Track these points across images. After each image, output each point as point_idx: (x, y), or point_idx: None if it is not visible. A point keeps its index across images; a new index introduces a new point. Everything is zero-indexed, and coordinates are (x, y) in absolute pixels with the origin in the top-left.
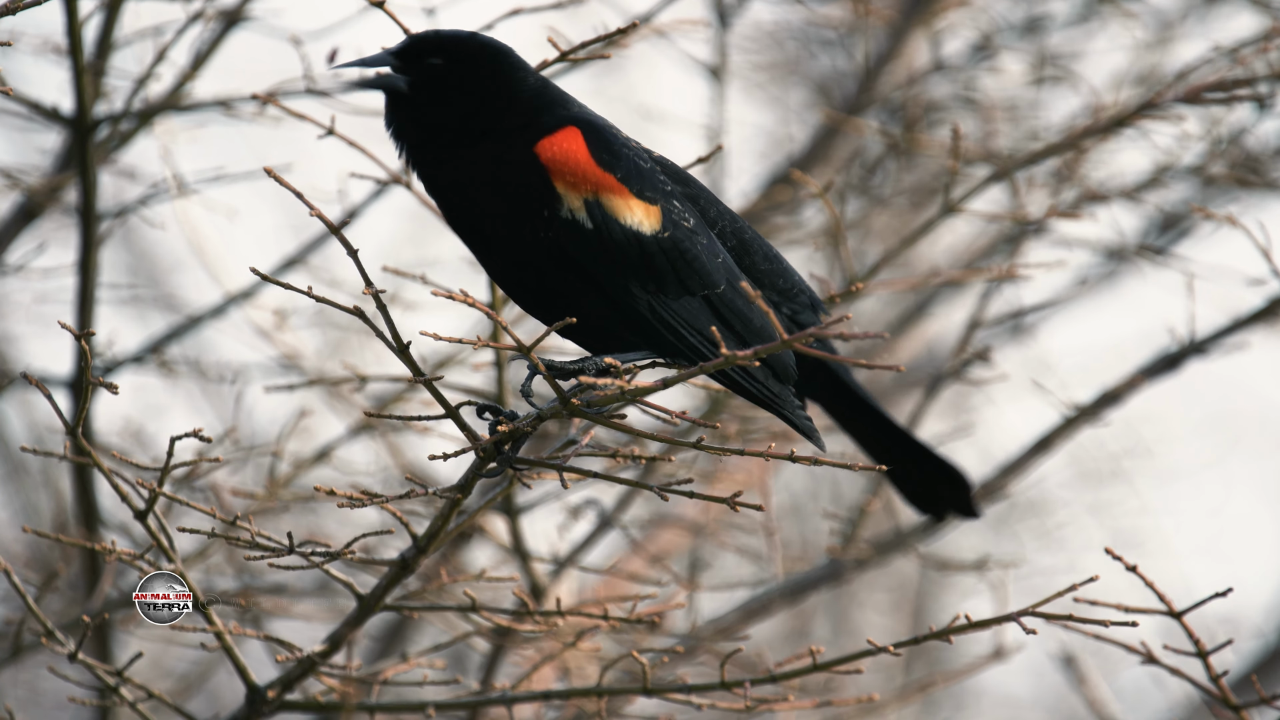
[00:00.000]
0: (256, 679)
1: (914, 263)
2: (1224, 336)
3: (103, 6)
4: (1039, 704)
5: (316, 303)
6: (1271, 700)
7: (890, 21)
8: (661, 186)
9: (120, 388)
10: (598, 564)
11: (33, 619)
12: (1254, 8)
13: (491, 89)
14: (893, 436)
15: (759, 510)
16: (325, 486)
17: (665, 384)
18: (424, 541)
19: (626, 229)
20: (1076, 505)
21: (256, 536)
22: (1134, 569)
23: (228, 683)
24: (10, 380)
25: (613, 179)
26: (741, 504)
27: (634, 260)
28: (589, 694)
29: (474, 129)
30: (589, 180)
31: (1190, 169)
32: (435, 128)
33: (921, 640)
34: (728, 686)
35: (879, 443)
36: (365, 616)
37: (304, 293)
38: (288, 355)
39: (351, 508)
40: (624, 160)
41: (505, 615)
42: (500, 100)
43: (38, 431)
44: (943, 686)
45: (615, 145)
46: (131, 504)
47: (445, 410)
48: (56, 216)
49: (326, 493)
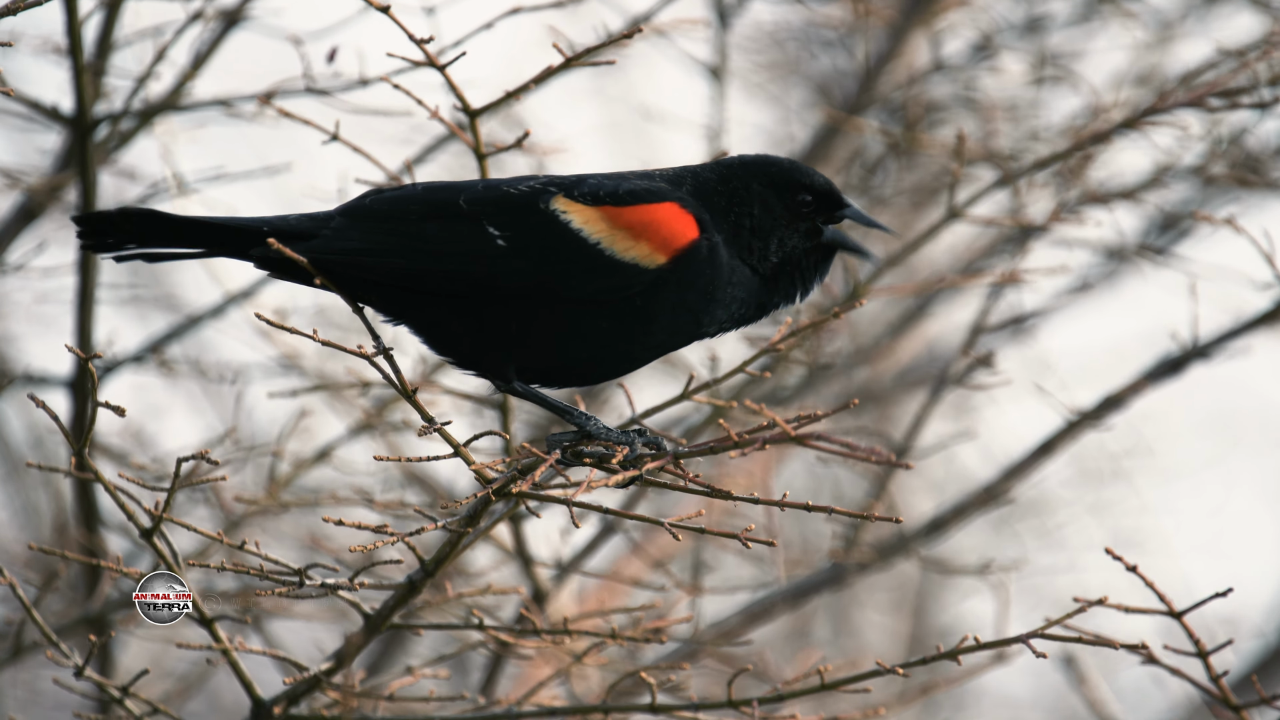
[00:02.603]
0: (263, 692)
1: (916, 263)
2: (1227, 340)
3: (103, 6)
4: (1039, 704)
5: (322, 345)
6: (1272, 700)
7: (890, 21)
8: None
9: (120, 389)
10: (600, 564)
11: (33, 620)
12: (1254, 8)
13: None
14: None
15: (770, 544)
16: (333, 517)
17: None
18: (432, 566)
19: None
20: (1077, 505)
21: (265, 563)
22: (1134, 569)
23: (227, 684)
24: (10, 381)
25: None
26: (753, 540)
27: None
28: (595, 710)
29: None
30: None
31: (1191, 169)
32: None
33: (930, 660)
34: (735, 705)
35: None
36: (372, 635)
37: (309, 336)
38: (288, 355)
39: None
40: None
41: (511, 632)
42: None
43: (38, 432)
44: (944, 688)
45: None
46: (138, 523)
47: (454, 450)
48: (56, 216)
49: (336, 522)
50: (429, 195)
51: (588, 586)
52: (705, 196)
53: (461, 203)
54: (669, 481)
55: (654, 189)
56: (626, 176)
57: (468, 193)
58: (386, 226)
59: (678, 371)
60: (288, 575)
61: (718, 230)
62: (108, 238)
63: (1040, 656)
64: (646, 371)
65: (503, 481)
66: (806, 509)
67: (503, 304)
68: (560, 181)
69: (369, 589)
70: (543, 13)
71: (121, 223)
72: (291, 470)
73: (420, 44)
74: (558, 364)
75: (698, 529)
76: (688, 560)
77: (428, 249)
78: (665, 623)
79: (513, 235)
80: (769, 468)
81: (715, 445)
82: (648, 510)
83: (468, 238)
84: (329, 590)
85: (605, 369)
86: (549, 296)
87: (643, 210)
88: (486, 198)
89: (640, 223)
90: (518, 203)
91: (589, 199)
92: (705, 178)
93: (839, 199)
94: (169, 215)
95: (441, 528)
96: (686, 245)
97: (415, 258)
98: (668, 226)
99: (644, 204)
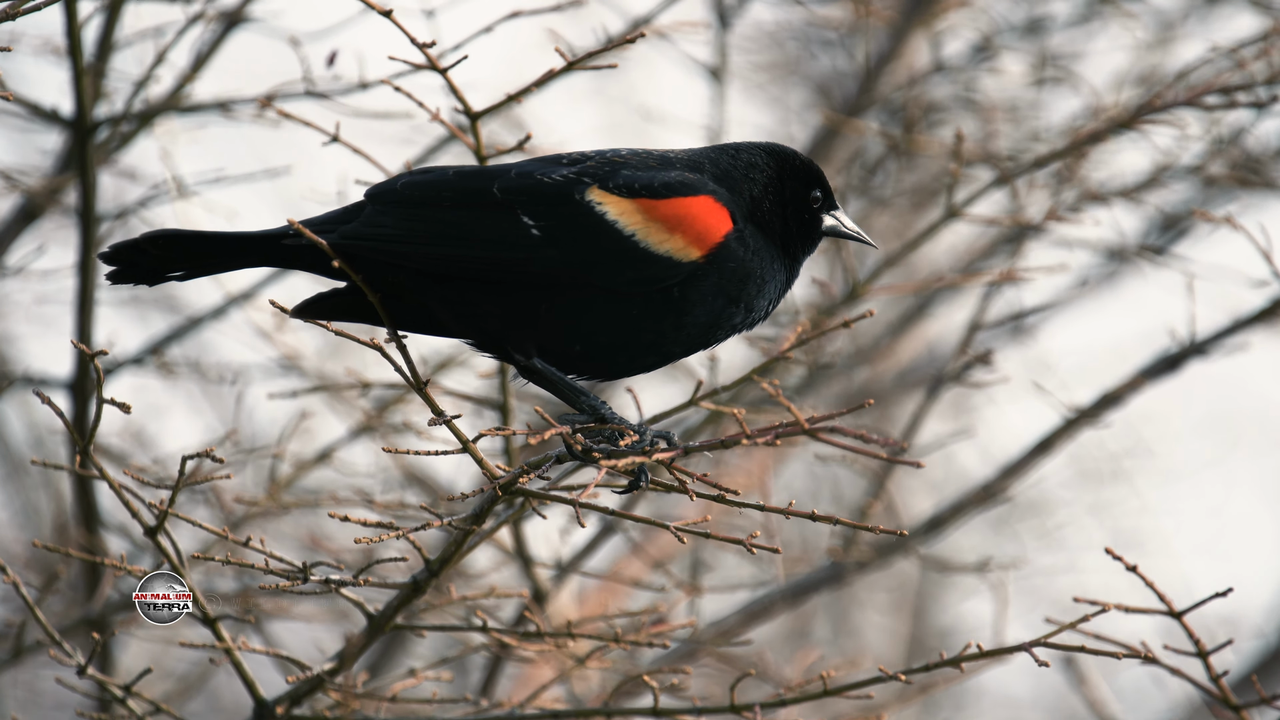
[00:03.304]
0: (264, 692)
1: (915, 263)
2: (1224, 337)
3: (103, 8)
4: (1039, 704)
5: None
6: (1272, 700)
7: (890, 22)
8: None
9: (120, 390)
10: (600, 564)
11: (33, 619)
12: (1254, 8)
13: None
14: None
15: (775, 552)
16: (339, 513)
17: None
18: (436, 566)
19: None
20: (1077, 505)
21: (270, 560)
22: (1134, 569)
23: (227, 684)
24: (11, 382)
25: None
26: (757, 545)
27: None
28: (596, 713)
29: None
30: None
31: (1190, 169)
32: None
33: (932, 668)
34: (737, 710)
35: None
36: (375, 635)
37: (323, 326)
38: (288, 356)
39: (371, 540)
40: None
41: (513, 634)
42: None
43: (38, 432)
44: (943, 687)
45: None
46: (142, 520)
47: (462, 445)
48: (56, 217)
49: (341, 518)
50: (461, 182)
51: (588, 586)
52: (728, 181)
53: (495, 190)
54: (674, 484)
55: (688, 181)
56: (654, 163)
57: (501, 180)
58: (420, 213)
59: (678, 374)
60: (291, 571)
61: (745, 215)
62: (136, 266)
63: (1043, 665)
64: (650, 377)
65: (509, 478)
66: (811, 518)
67: (534, 290)
68: (594, 170)
69: (370, 590)
70: (543, 15)
71: (148, 248)
72: (292, 471)
73: (421, 47)
74: (581, 350)
75: (703, 533)
76: (687, 560)
77: (461, 236)
78: (666, 627)
79: (547, 225)
80: (768, 468)
81: (727, 440)
82: (649, 511)
83: (502, 226)
84: (332, 587)
85: (631, 361)
86: (581, 284)
87: (678, 204)
88: (520, 186)
89: (676, 216)
90: (552, 193)
91: (625, 191)
92: (725, 162)
93: (834, 200)
94: (196, 234)
95: (447, 524)
96: (721, 239)
97: (448, 245)
98: (703, 221)
99: (680, 197)
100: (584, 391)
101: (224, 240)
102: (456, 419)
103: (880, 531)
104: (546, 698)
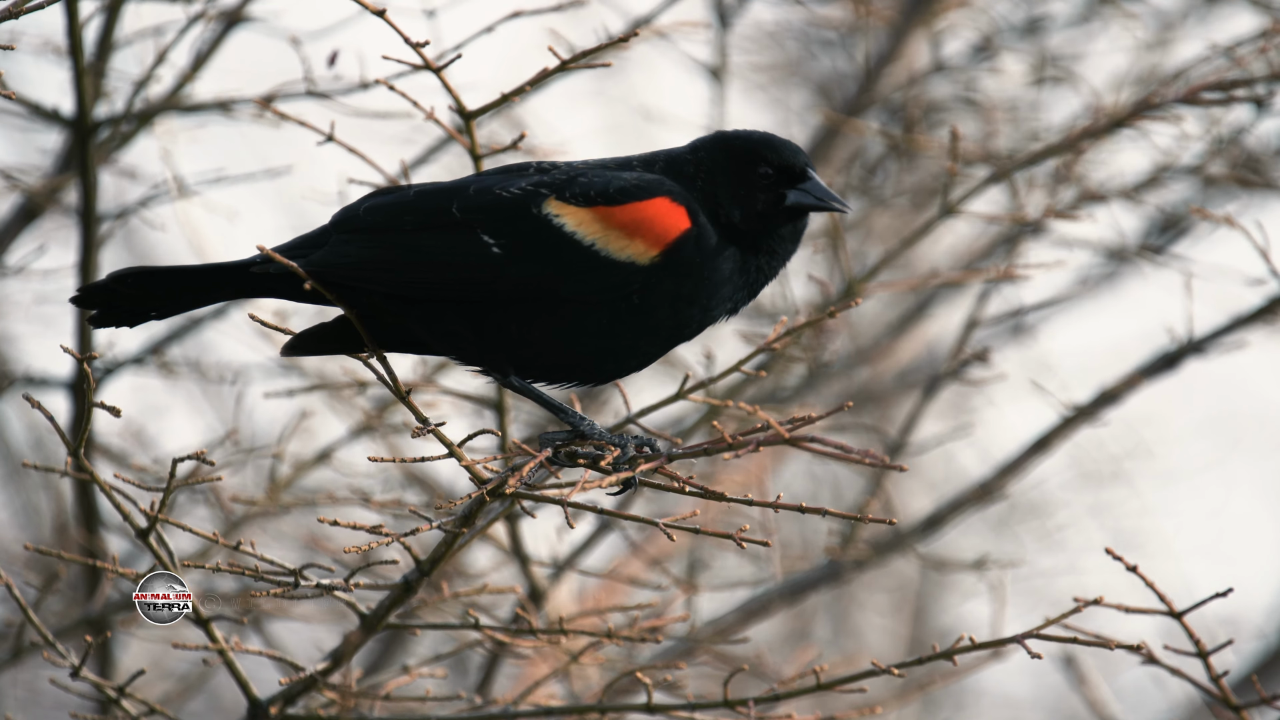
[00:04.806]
0: (258, 692)
1: (914, 263)
2: (1222, 336)
3: (103, 8)
4: (1039, 704)
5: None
6: (1272, 700)
7: (890, 22)
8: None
9: (120, 390)
10: (598, 562)
11: (29, 621)
12: (1254, 8)
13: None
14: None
15: (765, 545)
16: (329, 518)
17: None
18: (427, 566)
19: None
20: (1077, 506)
21: (262, 563)
22: (1134, 569)
23: (227, 684)
24: (10, 382)
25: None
26: (748, 540)
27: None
28: (592, 710)
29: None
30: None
31: (1190, 169)
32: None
33: (926, 660)
34: (731, 705)
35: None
36: (369, 635)
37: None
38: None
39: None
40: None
41: (507, 631)
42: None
43: (38, 433)
44: (941, 686)
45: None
46: (134, 523)
47: (449, 450)
48: (57, 217)
49: (331, 523)
50: (421, 202)
51: (587, 585)
52: (680, 175)
53: (455, 210)
54: (663, 484)
55: (643, 183)
56: (609, 168)
57: (460, 198)
58: (382, 239)
59: (675, 370)
60: (284, 576)
61: (706, 210)
62: (114, 308)
63: (1035, 657)
64: (644, 370)
65: (497, 481)
66: (800, 510)
67: (503, 308)
68: (551, 180)
69: (366, 589)
70: (544, 15)
71: (117, 287)
72: (292, 471)
73: (416, 47)
74: (559, 363)
75: (693, 529)
76: (685, 558)
77: (425, 261)
78: (662, 622)
79: (507, 242)
80: (765, 467)
81: (709, 447)
82: (646, 509)
83: (464, 248)
84: (324, 591)
85: (611, 366)
86: (548, 298)
87: (635, 208)
88: (479, 204)
89: (633, 220)
90: (510, 207)
91: (581, 200)
92: (676, 155)
93: (800, 173)
94: (163, 269)
95: (437, 528)
96: (673, 241)
97: (414, 271)
98: (660, 222)
99: (636, 201)
100: (564, 407)
101: (192, 274)
102: (442, 425)
103: (870, 520)
104: (544, 695)
